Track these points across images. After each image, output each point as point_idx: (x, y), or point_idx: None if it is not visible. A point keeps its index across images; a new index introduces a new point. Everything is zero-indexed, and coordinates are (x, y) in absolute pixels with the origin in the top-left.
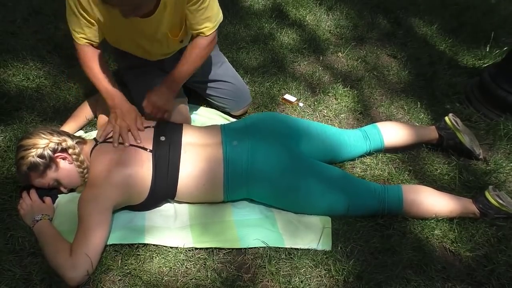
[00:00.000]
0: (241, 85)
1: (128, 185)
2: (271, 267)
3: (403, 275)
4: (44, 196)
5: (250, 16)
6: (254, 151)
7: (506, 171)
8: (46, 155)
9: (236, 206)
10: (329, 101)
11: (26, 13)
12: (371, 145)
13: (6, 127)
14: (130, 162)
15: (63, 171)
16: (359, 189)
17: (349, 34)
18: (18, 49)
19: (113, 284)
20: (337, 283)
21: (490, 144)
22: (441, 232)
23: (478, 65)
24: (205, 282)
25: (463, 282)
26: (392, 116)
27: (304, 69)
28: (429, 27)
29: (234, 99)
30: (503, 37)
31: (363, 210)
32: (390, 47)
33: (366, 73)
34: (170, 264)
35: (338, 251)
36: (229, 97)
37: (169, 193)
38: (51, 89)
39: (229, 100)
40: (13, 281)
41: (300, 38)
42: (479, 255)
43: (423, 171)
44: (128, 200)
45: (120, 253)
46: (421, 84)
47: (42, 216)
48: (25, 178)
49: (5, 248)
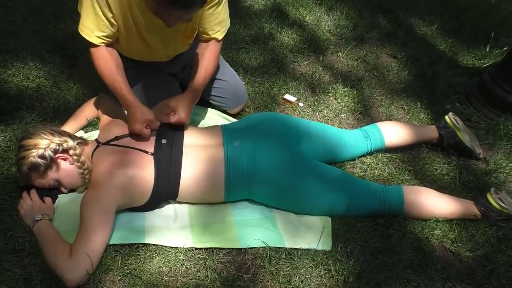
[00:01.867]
0: (237, 83)
1: (130, 187)
2: (271, 267)
3: (403, 275)
4: (45, 196)
5: (250, 16)
6: (255, 152)
7: (506, 171)
8: (47, 155)
9: (236, 206)
10: (329, 101)
11: (26, 13)
12: (371, 145)
13: (6, 127)
14: (132, 164)
15: (64, 171)
16: (360, 189)
17: (349, 34)
18: (18, 49)
19: (113, 284)
20: (337, 283)
21: (490, 144)
22: (441, 232)
23: (478, 65)
24: (205, 282)
25: (463, 282)
26: (392, 116)
27: (304, 69)
28: (429, 27)
29: (230, 97)
30: (503, 37)
31: (363, 210)
32: (390, 47)
33: (366, 73)
34: (170, 264)
35: (338, 251)
36: (226, 95)
37: (171, 195)
38: (51, 89)
39: (226, 98)
40: (13, 281)
41: (300, 38)
42: (479, 255)
43: (423, 171)
44: (130, 202)
45: (120, 253)
46: (421, 84)
47: (42, 216)
48: (26, 178)
49: (5, 248)
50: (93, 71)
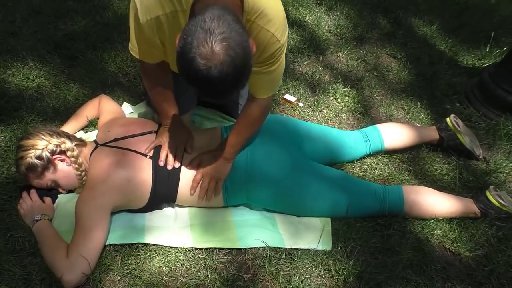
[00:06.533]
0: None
1: (127, 189)
2: (271, 267)
3: (403, 275)
4: (44, 196)
5: None
6: (254, 154)
7: (506, 171)
8: (44, 156)
9: (236, 206)
10: (329, 101)
11: (26, 13)
12: (371, 148)
13: (6, 127)
14: (129, 166)
15: (61, 173)
16: (360, 190)
17: (349, 34)
18: (18, 49)
19: (113, 284)
20: (337, 283)
21: (490, 144)
22: (441, 232)
23: (478, 65)
24: (205, 282)
25: (463, 282)
26: (392, 116)
27: (304, 69)
28: (429, 27)
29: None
30: (503, 37)
31: (364, 211)
32: (390, 47)
33: (366, 73)
34: (170, 264)
35: (338, 251)
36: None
37: (169, 198)
38: (51, 89)
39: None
40: (13, 281)
41: (300, 38)
42: (479, 255)
43: (423, 171)
44: (127, 204)
45: (120, 253)
46: (421, 84)
47: (41, 216)
48: (24, 178)
49: (5, 248)
50: (93, 71)
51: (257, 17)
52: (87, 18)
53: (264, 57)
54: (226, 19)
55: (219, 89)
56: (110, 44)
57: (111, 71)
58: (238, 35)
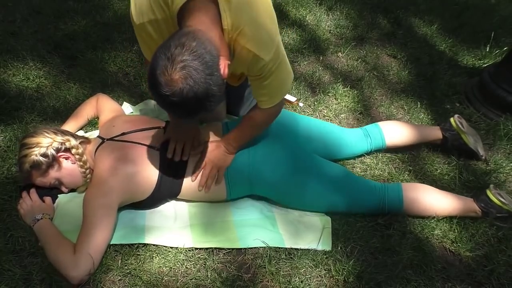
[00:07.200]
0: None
1: (133, 183)
2: (271, 267)
3: (403, 275)
4: (44, 196)
5: None
6: (256, 149)
7: (506, 171)
8: (49, 154)
9: (236, 206)
10: (329, 101)
11: (26, 13)
12: (372, 144)
13: (6, 127)
14: (136, 159)
15: (66, 170)
16: (359, 185)
17: (349, 34)
18: (18, 49)
19: (113, 284)
20: (337, 283)
21: (490, 144)
22: (441, 232)
23: (478, 65)
24: (205, 282)
25: (463, 282)
26: (392, 116)
27: (304, 69)
28: (429, 27)
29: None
30: (503, 37)
31: (363, 208)
32: (390, 47)
33: (366, 73)
34: (170, 264)
35: (338, 251)
36: None
37: (173, 192)
38: (51, 89)
39: None
40: (13, 281)
41: (300, 38)
42: (479, 255)
43: (423, 171)
44: (132, 197)
45: (120, 253)
46: (421, 84)
47: (42, 215)
48: (27, 176)
49: (5, 248)
50: (93, 71)
51: (238, 35)
52: (87, 18)
53: (253, 71)
54: (190, 46)
55: (184, 112)
56: (110, 44)
57: (111, 71)
58: (200, 63)
